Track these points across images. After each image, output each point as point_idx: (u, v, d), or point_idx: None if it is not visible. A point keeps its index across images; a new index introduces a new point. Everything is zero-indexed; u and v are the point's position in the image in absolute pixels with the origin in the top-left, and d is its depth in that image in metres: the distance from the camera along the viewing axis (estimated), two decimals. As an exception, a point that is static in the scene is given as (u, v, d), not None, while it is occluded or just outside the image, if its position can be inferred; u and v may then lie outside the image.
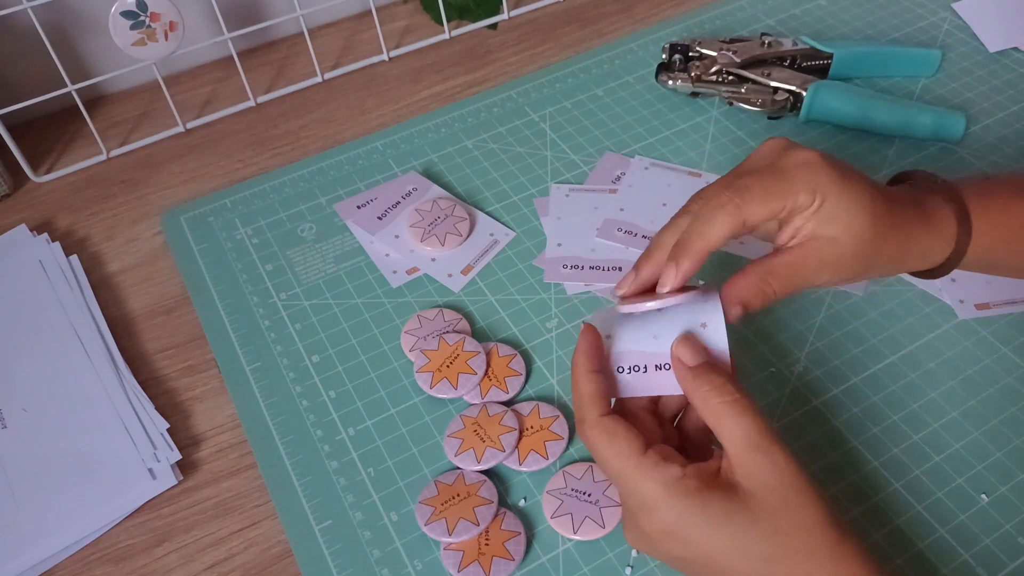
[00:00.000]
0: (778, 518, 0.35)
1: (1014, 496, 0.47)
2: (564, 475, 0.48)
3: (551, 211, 0.62)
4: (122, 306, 0.60)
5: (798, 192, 0.40)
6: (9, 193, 0.69)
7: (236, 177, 0.68)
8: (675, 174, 0.64)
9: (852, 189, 0.41)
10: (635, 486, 0.37)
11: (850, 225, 0.41)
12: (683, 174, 0.64)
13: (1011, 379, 0.51)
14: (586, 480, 0.47)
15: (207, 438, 0.52)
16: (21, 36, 0.70)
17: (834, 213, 0.41)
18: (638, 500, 0.37)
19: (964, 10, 0.76)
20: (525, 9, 0.82)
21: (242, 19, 0.77)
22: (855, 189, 0.41)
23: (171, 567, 0.47)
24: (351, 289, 0.59)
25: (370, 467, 0.50)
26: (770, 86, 0.67)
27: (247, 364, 0.55)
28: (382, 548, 0.46)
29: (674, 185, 0.63)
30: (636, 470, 0.36)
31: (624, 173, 0.64)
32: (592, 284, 0.58)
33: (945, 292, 0.55)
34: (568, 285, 0.58)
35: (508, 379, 0.52)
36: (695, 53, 0.69)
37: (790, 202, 0.40)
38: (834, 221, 0.41)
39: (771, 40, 0.69)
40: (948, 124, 0.64)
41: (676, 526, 0.36)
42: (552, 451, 0.48)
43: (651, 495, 0.36)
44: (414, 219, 0.61)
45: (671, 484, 0.36)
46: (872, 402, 0.51)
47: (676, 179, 0.64)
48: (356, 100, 0.74)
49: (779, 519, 0.35)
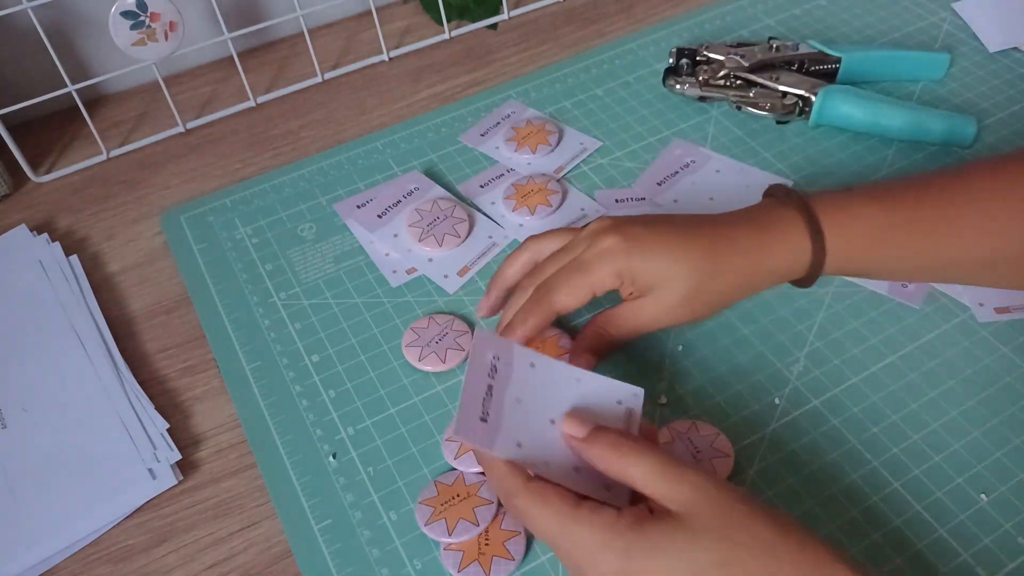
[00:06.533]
0: (714, 526, 0.35)
1: (1014, 496, 0.47)
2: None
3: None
4: (122, 306, 0.60)
5: (602, 280, 0.46)
6: (9, 193, 0.69)
7: (236, 177, 0.68)
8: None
9: (658, 256, 0.46)
10: (576, 538, 0.37)
11: (669, 283, 0.46)
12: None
13: (1011, 379, 0.51)
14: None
15: (207, 438, 0.53)
16: (21, 36, 0.70)
17: (648, 280, 0.46)
18: (584, 552, 0.37)
19: (964, 10, 0.76)
20: (525, 9, 0.82)
21: (242, 19, 0.77)
22: (662, 254, 0.46)
23: (171, 567, 0.47)
24: (351, 289, 0.59)
25: (370, 466, 0.50)
26: (778, 90, 0.67)
27: (247, 364, 0.55)
28: (382, 547, 0.46)
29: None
30: (574, 522, 0.37)
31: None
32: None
33: (966, 295, 0.55)
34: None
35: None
36: (702, 57, 0.69)
37: (597, 289, 0.47)
38: (652, 286, 0.47)
39: (779, 44, 0.69)
40: (959, 129, 0.64)
41: (625, 565, 0.36)
42: (552, 451, 0.48)
43: (595, 542, 0.36)
44: (413, 219, 0.61)
45: (609, 527, 0.36)
46: (872, 402, 0.51)
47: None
48: (356, 100, 0.74)
49: (716, 527, 0.35)
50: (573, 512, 0.37)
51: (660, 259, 0.46)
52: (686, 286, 0.46)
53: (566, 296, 0.47)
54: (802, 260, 0.47)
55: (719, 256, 0.47)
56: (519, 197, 0.62)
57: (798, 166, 0.64)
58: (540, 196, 0.62)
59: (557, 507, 0.37)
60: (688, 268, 0.46)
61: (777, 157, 0.65)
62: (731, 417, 0.50)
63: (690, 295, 0.47)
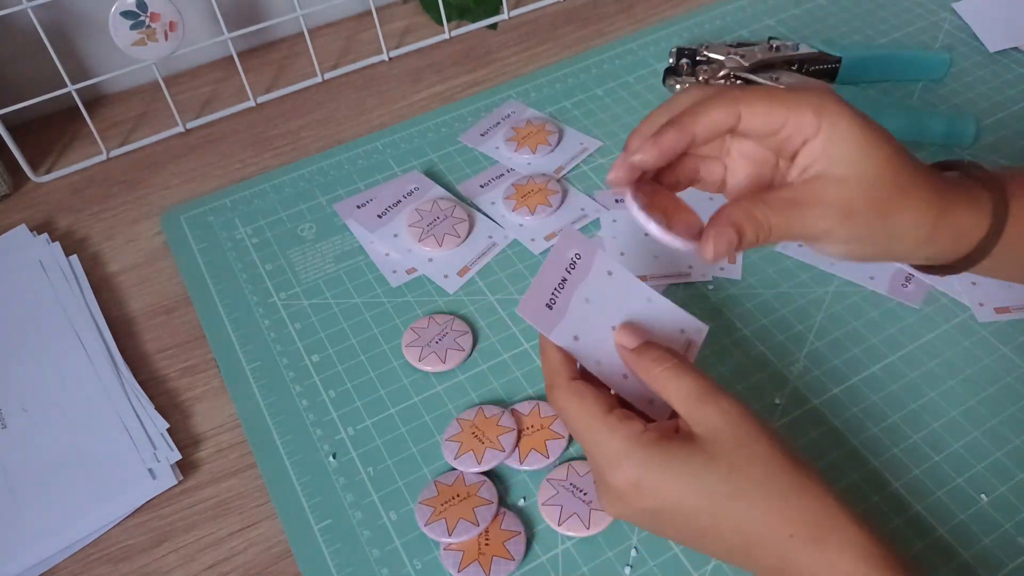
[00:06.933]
0: (732, 456, 0.37)
1: (1013, 496, 0.47)
2: (568, 468, 0.48)
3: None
4: (122, 306, 0.60)
5: (802, 110, 0.38)
6: (9, 193, 0.69)
7: (236, 177, 0.68)
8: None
9: (866, 128, 0.38)
10: (602, 441, 0.38)
11: (862, 165, 0.38)
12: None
13: (1011, 379, 0.51)
14: (587, 479, 0.47)
15: (207, 438, 0.52)
16: (21, 36, 0.70)
17: (843, 150, 0.38)
18: (605, 456, 0.38)
19: (964, 10, 0.76)
20: (525, 9, 0.82)
21: (242, 19, 0.77)
22: (870, 129, 0.38)
23: (171, 567, 0.47)
24: (351, 289, 0.59)
25: (370, 466, 0.50)
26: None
27: (247, 364, 0.55)
28: (381, 547, 0.46)
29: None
30: (603, 426, 0.38)
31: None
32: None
33: (966, 295, 0.55)
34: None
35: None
36: (702, 57, 0.69)
37: (792, 117, 0.38)
38: (845, 158, 0.38)
39: (779, 44, 0.69)
40: (959, 129, 0.64)
41: (641, 476, 0.37)
42: (553, 450, 0.48)
43: (616, 448, 0.38)
44: (413, 219, 0.61)
45: (633, 437, 0.38)
46: (872, 402, 0.51)
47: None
48: (356, 100, 0.74)
49: (733, 457, 0.37)
50: (604, 416, 0.39)
51: (868, 129, 0.38)
52: (881, 172, 0.38)
53: (759, 106, 0.38)
54: (983, 221, 0.41)
55: (916, 167, 0.39)
56: (519, 197, 0.62)
57: (798, 166, 0.64)
58: (540, 196, 0.62)
59: (590, 408, 0.39)
60: (887, 158, 0.38)
61: (777, 157, 0.65)
62: (731, 417, 0.50)
63: (878, 194, 0.38)
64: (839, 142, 0.38)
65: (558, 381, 0.41)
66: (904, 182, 0.39)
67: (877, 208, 0.39)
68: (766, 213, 0.38)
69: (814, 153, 0.39)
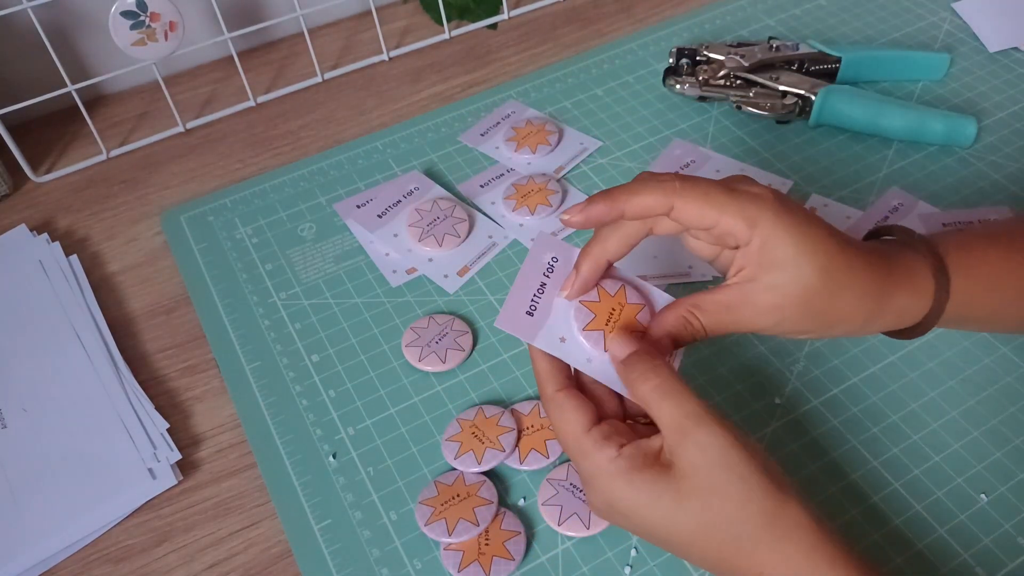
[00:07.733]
0: (705, 496, 0.36)
1: (1013, 496, 0.47)
2: (568, 468, 0.48)
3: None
4: (122, 306, 0.60)
5: (735, 218, 0.38)
6: (9, 193, 0.69)
7: (236, 177, 0.68)
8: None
9: (801, 235, 0.38)
10: (577, 460, 0.39)
11: (794, 274, 0.39)
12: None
13: (1011, 379, 0.51)
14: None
15: (207, 438, 0.53)
16: (21, 36, 0.70)
17: (776, 258, 0.38)
18: (583, 475, 0.39)
19: (964, 10, 0.76)
20: (525, 9, 0.82)
21: (242, 19, 0.77)
22: (805, 236, 0.39)
23: (171, 567, 0.47)
24: (351, 288, 0.59)
25: (370, 466, 0.50)
26: (778, 90, 0.67)
27: (247, 364, 0.55)
28: (381, 547, 0.46)
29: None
30: (578, 449, 0.39)
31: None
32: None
33: None
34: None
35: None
36: (702, 57, 0.69)
37: (724, 221, 0.38)
38: (776, 267, 0.39)
39: (778, 44, 0.69)
40: (959, 129, 0.64)
41: (611, 502, 0.38)
42: (553, 449, 0.48)
43: (587, 472, 0.39)
44: (413, 218, 0.61)
45: (603, 465, 0.38)
46: (872, 402, 0.51)
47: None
48: (356, 100, 0.74)
49: (706, 497, 0.36)
50: (581, 436, 0.39)
51: (803, 237, 0.39)
52: (812, 278, 0.39)
53: (693, 202, 0.39)
54: (923, 300, 0.42)
55: (851, 264, 0.40)
56: (519, 197, 0.62)
57: (798, 166, 0.64)
58: (540, 196, 0.62)
59: (570, 425, 0.39)
60: (821, 266, 0.39)
61: (777, 157, 0.65)
62: (731, 417, 0.50)
63: (812, 293, 0.39)
64: (772, 250, 0.39)
65: (544, 391, 0.41)
66: (841, 280, 0.39)
67: (811, 308, 0.39)
68: (697, 317, 0.40)
69: (747, 258, 0.39)
